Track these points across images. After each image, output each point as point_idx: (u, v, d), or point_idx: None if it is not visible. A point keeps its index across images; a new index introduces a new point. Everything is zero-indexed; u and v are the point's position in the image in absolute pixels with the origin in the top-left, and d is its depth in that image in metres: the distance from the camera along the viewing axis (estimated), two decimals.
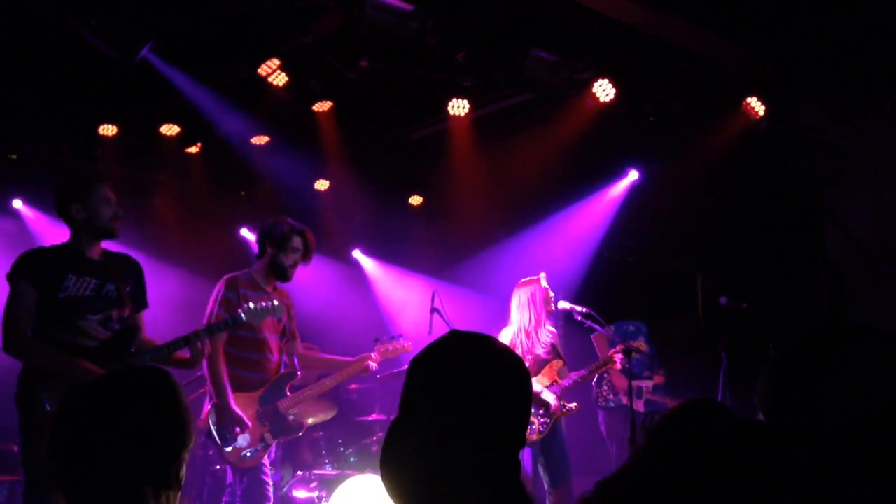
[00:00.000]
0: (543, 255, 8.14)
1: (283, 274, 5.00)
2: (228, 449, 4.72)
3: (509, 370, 1.69)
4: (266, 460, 4.88)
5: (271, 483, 4.90)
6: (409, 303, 9.24)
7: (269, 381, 4.92)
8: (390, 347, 5.35)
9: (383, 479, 1.64)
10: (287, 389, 4.99)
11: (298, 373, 5.08)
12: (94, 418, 1.84)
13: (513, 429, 1.66)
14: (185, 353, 4.28)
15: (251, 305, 4.54)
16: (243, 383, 4.84)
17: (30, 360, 4.03)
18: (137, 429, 1.82)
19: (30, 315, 4.04)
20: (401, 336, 5.49)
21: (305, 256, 5.06)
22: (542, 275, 5.94)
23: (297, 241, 4.98)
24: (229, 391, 4.71)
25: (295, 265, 5.02)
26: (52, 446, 1.84)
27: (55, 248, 4.26)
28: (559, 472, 5.68)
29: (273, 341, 4.97)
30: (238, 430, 4.69)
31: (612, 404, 7.27)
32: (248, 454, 4.73)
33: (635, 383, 6.62)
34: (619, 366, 5.81)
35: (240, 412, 4.69)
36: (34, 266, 4.10)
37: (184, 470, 1.89)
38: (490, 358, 1.69)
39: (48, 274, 4.08)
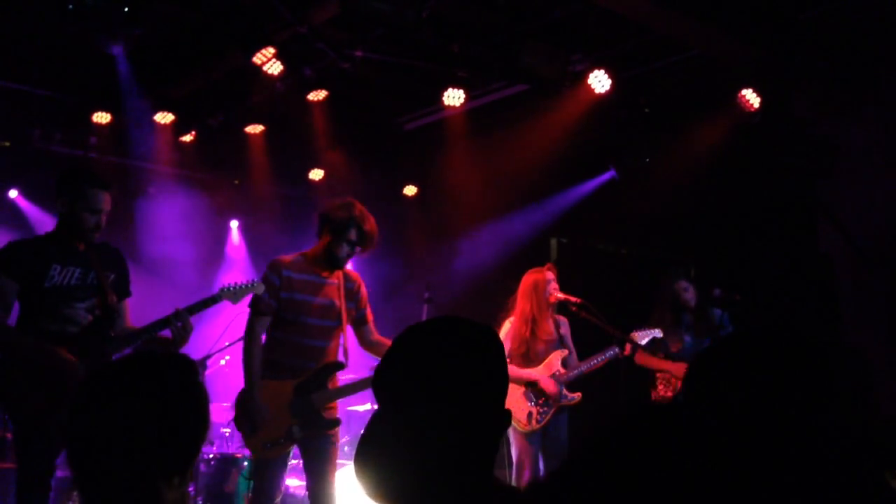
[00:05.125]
0: (538, 246, 8.16)
1: (336, 263, 4.80)
2: (249, 437, 4.62)
3: (483, 349, 1.69)
4: (290, 456, 4.70)
5: (284, 482, 4.74)
6: (402, 293, 9.26)
7: (312, 370, 4.68)
8: None
9: (359, 470, 1.62)
10: (328, 382, 4.71)
11: (344, 362, 4.81)
12: (112, 405, 1.76)
13: (491, 408, 1.65)
14: (167, 334, 4.28)
15: (229, 285, 4.50)
16: (283, 368, 4.65)
17: None
18: (159, 420, 1.75)
19: (4, 305, 4.06)
20: None
21: (363, 246, 4.84)
22: (549, 265, 5.97)
23: (352, 234, 4.76)
24: (256, 378, 4.56)
25: (349, 256, 4.82)
26: (68, 431, 1.78)
27: (41, 238, 4.31)
28: (554, 461, 5.71)
29: (322, 326, 4.73)
30: (257, 419, 4.54)
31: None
32: (269, 445, 4.56)
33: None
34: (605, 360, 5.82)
35: (261, 402, 4.53)
36: (16, 257, 4.12)
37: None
38: (464, 339, 1.69)
39: (32, 264, 4.10)
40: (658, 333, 5.95)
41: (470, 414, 1.61)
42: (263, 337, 4.76)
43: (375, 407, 5.80)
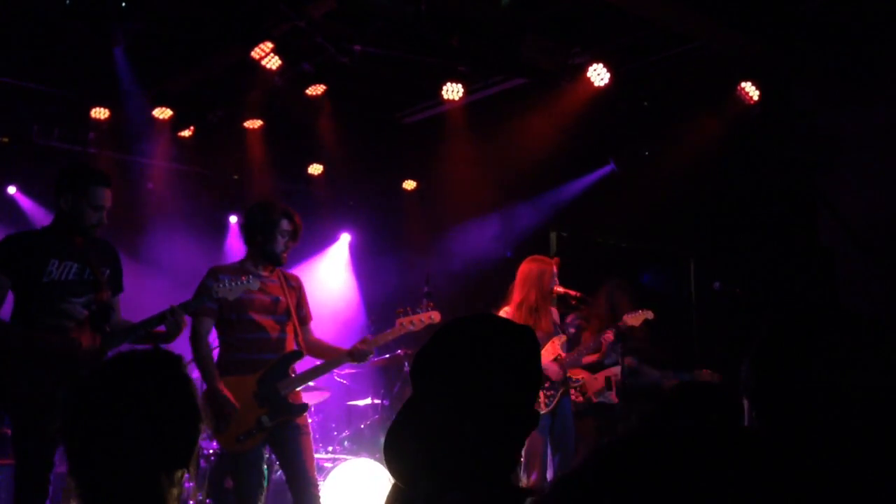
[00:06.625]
0: (538, 239, 8.14)
1: (277, 260, 4.86)
2: (220, 433, 4.66)
3: (520, 349, 1.73)
4: (265, 448, 4.77)
5: (266, 470, 4.80)
6: (402, 287, 9.26)
7: (271, 362, 4.74)
8: (415, 319, 4.95)
9: (388, 454, 1.67)
10: (290, 370, 4.79)
11: (302, 351, 4.88)
12: (109, 405, 1.78)
13: (521, 406, 1.69)
14: (161, 329, 4.31)
15: (225, 283, 4.51)
16: (240, 365, 4.71)
17: None
18: (153, 416, 1.77)
19: None
20: (429, 306, 4.99)
21: (294, 238, 4.89)
22: (556, 259, 5.88)
23: (285, 225, 4.81)
24: (216, 375, 4.62)
25: (287, 249, 4.86)
26: (65, 434, 1.80)
27: (38, 232, 4.33)
28: (561, 447, 5.69)
29: (265, 321, 4.78)
30: (226, 414, 4.57)
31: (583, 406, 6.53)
32: (242, 438, 4.61)
33: (605, 373, 6.43)
34: (604, 349, 5.82)
35: (227, 396, 4.57)
36: (12, 252, 4.12)
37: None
38: (501, 337, 1.73)
39: (29, 259, 4.11)
40: (650, 315, 5.87)
41: (501, 410, 1.65)
42: (214, 341, 4.83)
43: (376, 401, 5.83)
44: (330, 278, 9.73)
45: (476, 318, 1.80)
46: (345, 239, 10.00)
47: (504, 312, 5.72)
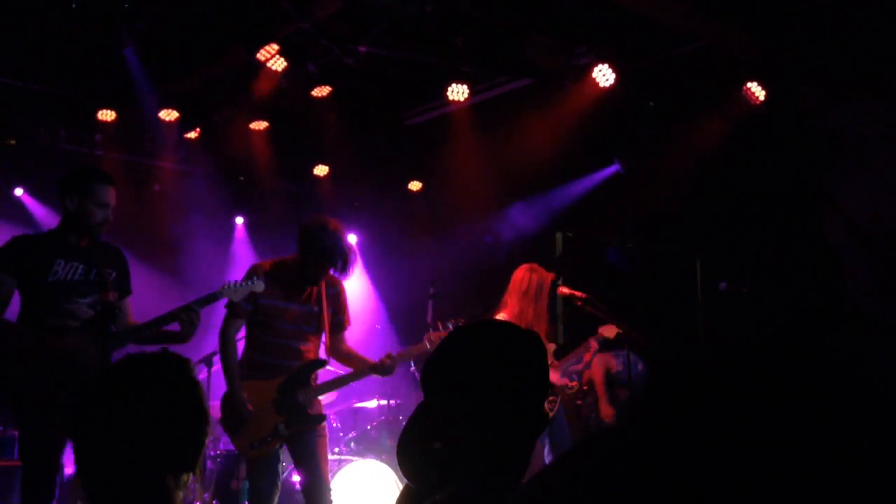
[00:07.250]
0: (543, 240, 8.14)
1: (312, 282, 4.83)
2: (235, 437, 4.69)
3: (528, 354, 1.77)
4: (281, 454, 4.77)
5: (280, 477, 4.79)
6: (409, 287, 9.26)
7: (293, 369, 4.74)
8: (444, 336, 4.90)
9: (400, 455, 1.71)
10: (311, 379, 4.79)
11: (326, 360, 4.90)
12: (116, 407, 1.79)
13: (531, 409, 1.72)
14: (173, 327, 4.31)
15: (230, 282, 4.52)
16: (266, 368, 4.71)
17: None
18: (160, 419, 1.78)
19: (1, 300, 4.09)
20: (459, 322, 4.97)
21: (339, 272, 4.87)
22: (552, 275, 5.72)
23: (336, 264, 4.77)
24: (235, 378, 4.63)
25: (324, 277, 4.85)
26: (73, 436, 1.81)
27: (45, 234, 4.38)
28: (559, 452, 5.70)
29: (302, 331, 4.78)
30: (241, 417, 4.58)
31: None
32: (257, 444, 4.62)
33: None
34: (590, 355, 5.82)
35: (244, 401, 4.58)
36: (18, 252, 4.15)
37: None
38: (510, 342, 1.77)
39: (34, 260, 4.14)
40: (618, 329, 5.77)
41: (511, 413, 1.68)
42: (242, 338, 4.84)
43: (383, 402, 5.86)
44: None
45: (484, 324, 1.87)
46: (351, 240, 10.00)
47: (501, 318, 5.60)
